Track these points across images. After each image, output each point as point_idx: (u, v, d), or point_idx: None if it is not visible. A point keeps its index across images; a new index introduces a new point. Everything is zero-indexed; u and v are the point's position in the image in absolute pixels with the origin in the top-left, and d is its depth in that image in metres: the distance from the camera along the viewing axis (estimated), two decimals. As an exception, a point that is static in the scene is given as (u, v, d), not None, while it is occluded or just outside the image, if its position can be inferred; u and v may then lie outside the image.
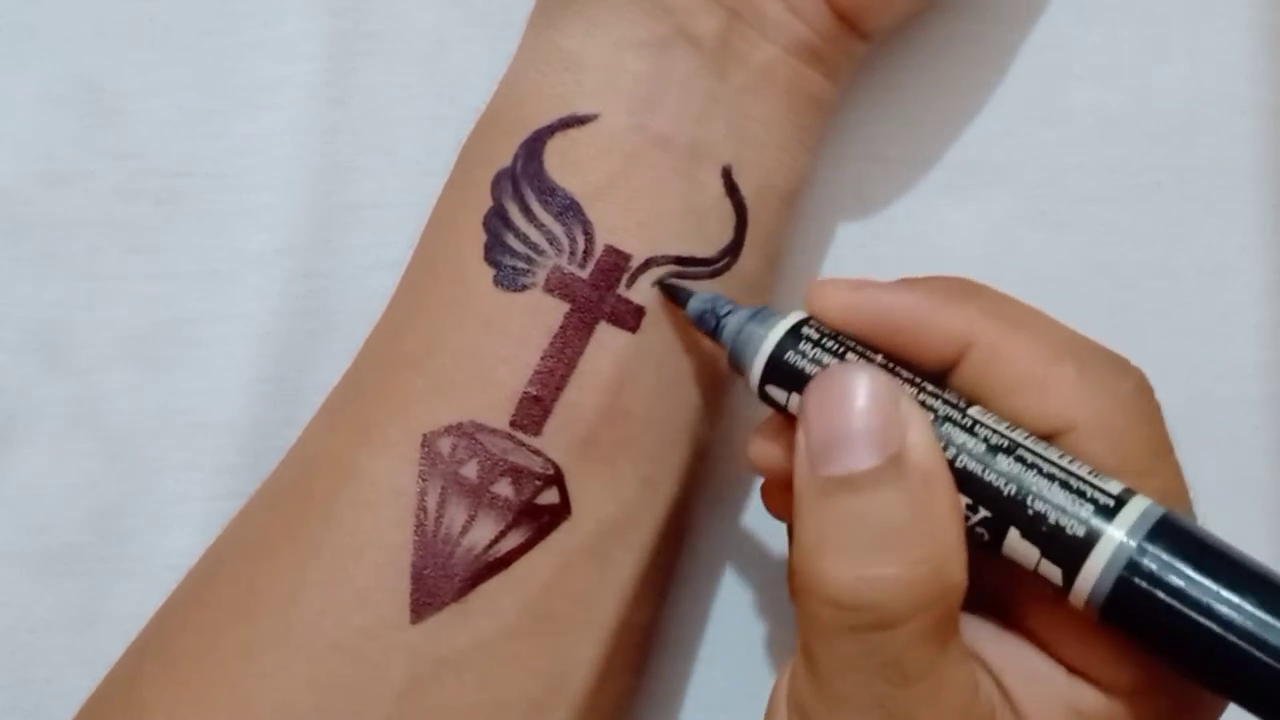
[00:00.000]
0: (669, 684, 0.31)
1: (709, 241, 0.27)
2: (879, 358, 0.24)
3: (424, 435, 0.25)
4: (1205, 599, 0.21)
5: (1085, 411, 0.23)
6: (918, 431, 0.22)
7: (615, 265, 0.26)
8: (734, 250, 0.27)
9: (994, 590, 0.24)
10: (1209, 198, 0.33)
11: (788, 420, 0.24)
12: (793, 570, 0.23)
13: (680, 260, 0.26)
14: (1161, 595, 0.21)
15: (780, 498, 0.26)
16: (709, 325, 0.26)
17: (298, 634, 0.25)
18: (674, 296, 0.26)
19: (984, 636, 0.24)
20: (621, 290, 0.26)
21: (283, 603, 0.25)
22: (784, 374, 0.24)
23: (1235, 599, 0.21)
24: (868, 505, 0.22)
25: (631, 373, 0.26)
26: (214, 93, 0.32)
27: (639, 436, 0.26)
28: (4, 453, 0.31)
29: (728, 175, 0.27)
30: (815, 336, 0.24)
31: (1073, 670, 0.23)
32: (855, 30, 0.28)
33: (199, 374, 0.31)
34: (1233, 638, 0.21)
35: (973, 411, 0.23)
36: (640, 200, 0.26)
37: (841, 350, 0.24)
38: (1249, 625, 0.21)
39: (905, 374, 0.24)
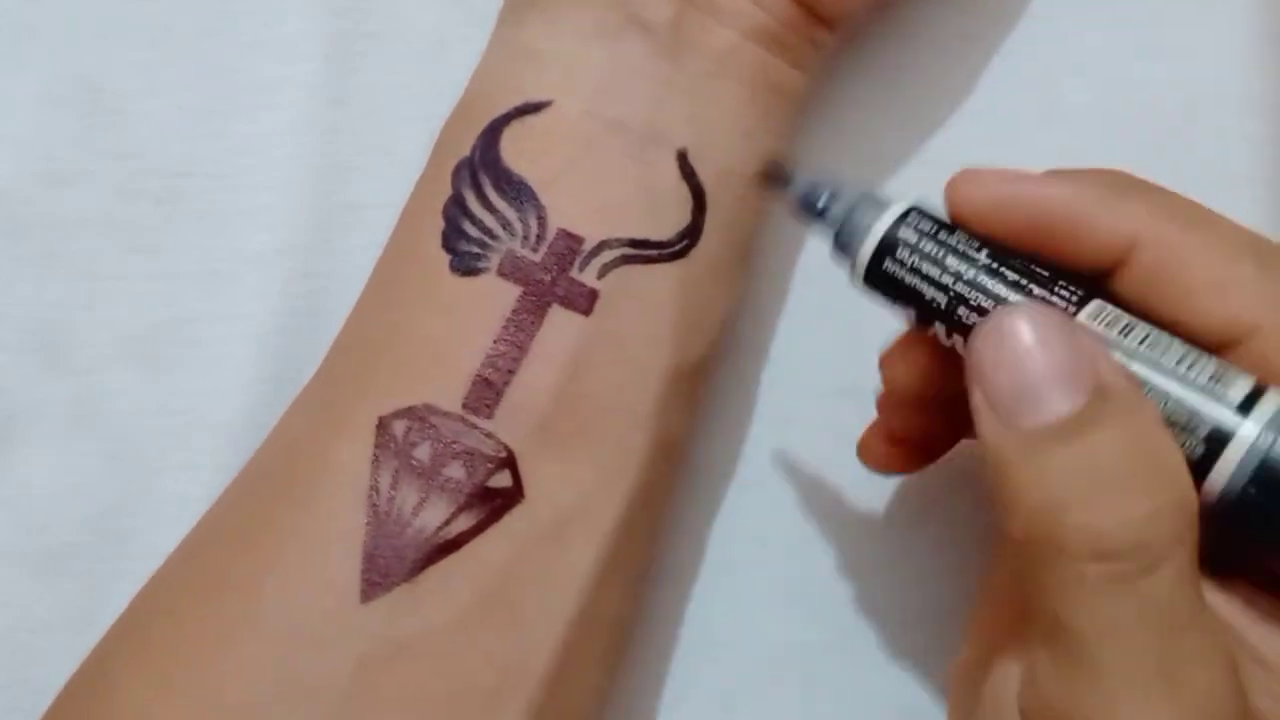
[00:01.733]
0: (669, 684, 0.31)
1: (666, 225, 0.27)
2: (1015, 262, 0.23)
3: (379, 418, 0.25)
4: None
5: (1269, 313, 0.21)
6: (1105, 358, 0.21)
7: (568, 248, 0.26)
8: (692, 233, 0.27)
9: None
10: (1209, 198, 0.32)
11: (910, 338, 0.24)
12: (1028, 539, 0.21)
13: (635, 243, 0.26)
14: None
15: (905, 416, 0.26)
16: (813, 210, 0.25)
17: (260, 618, 0.25)
18: (775, 177, 0.25)
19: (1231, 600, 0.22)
20: (574, 273, 0.26)
21: (247, 587, 0.25)
22: (888, 281, 0.23)
23: None
24: (1092, 447, 0.20)
25: (586, 357, 0.26)
26: (214, 93, 0.32)
27: (596, 423, 0.26)
28: (4, 453, 0.31)
29: (683, 158, 0.27)
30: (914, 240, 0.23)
31: None
32: (816, 17, 0.28)
33: (199, 374, 0.31)
34: None
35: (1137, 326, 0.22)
36: (595, 185, 0.26)
37: (942, 250, 0.23)
38: None
39: (1063, 286, 0.22)
